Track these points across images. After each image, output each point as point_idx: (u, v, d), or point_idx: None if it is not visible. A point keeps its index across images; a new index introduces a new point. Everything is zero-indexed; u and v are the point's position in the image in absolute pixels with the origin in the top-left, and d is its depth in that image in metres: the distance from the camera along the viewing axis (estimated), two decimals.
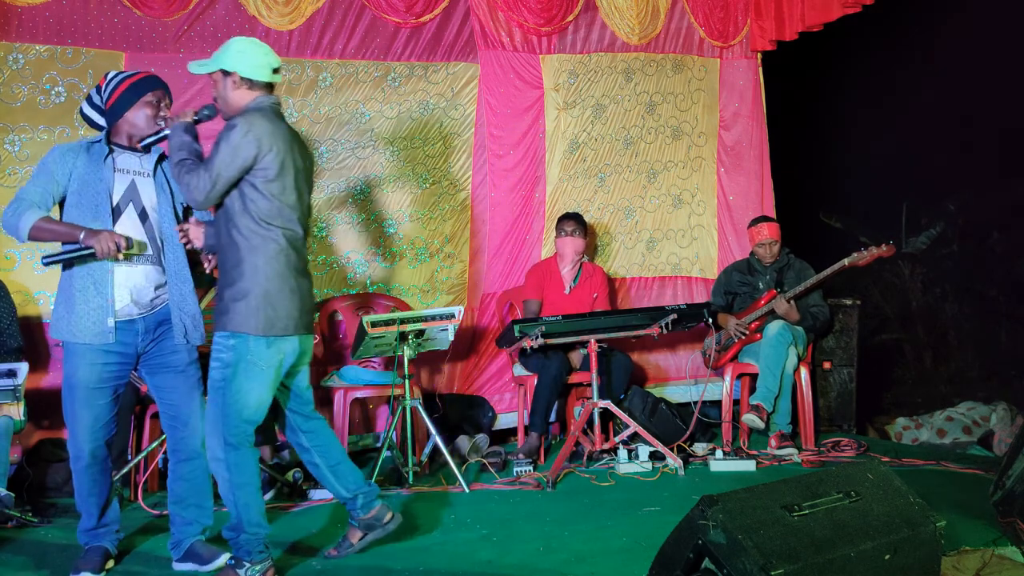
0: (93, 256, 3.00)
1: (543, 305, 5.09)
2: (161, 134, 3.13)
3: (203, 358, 3.20)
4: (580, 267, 5.15)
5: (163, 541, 3.46)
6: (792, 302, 4.90)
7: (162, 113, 3.25)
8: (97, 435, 3.10)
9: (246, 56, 3.02)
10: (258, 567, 2.96)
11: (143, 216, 3.17)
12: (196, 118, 3.13)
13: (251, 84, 3.03)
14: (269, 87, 3.09)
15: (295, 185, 3.00)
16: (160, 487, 4.42)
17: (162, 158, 3.28)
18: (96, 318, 3.03)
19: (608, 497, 3.96)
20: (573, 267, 5.11)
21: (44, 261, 3.10)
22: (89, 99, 3.26)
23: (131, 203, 3.17)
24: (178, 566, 3.22)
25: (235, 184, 2.92)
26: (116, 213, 3.13)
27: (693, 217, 5.88)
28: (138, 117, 3.18)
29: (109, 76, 3.26)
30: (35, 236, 3.05)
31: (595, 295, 5.14)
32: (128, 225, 3.13)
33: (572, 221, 5.14)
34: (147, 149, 3.24)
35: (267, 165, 2.91)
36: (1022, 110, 5.89)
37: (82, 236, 3.00)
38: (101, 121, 3.23)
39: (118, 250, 3.03)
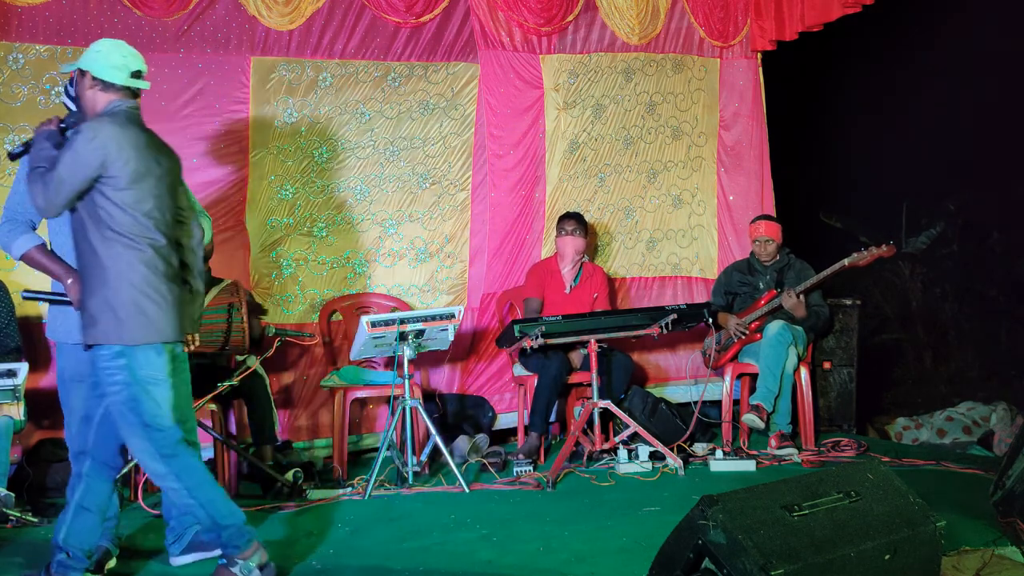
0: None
1: (543, 305, 5.09)
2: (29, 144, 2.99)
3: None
4: (580, 267, 5.15)
5: (163, 540, 3.47)
6: (800, 297, 4.90)
7: None
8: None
9: (103, 56, 2.91)
10: (251, 557, 2.90)
11: None
12: (63, 125, 3.00)
13: (105, 86, 2.91)
14: (130, 92, 2.95)
15: (153, 192, 2.86)
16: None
17: None
18: None
19: (608, 497, 3.96)
20: (573, 267, 5.11)
21: (24, 295, 3.24)
22: (66, 89, 3.25)
23: None
24: (181, 559, 3.22)
25: (86, 192, 2.79)
26: None
27: (693, 217, 5.88)
28: None
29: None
30: (27, 262, 3.06)
31: (595, 295, 5.14)
32: None
33: (572, 220, 5.14)
34: None
35: (116, 174, 2.77)
36: (1022, 110, 5.89)
37: (69, 282, 3.00)
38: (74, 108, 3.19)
39: None
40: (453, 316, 4.30)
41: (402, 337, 4.19)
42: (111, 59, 2.92)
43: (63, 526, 2.94)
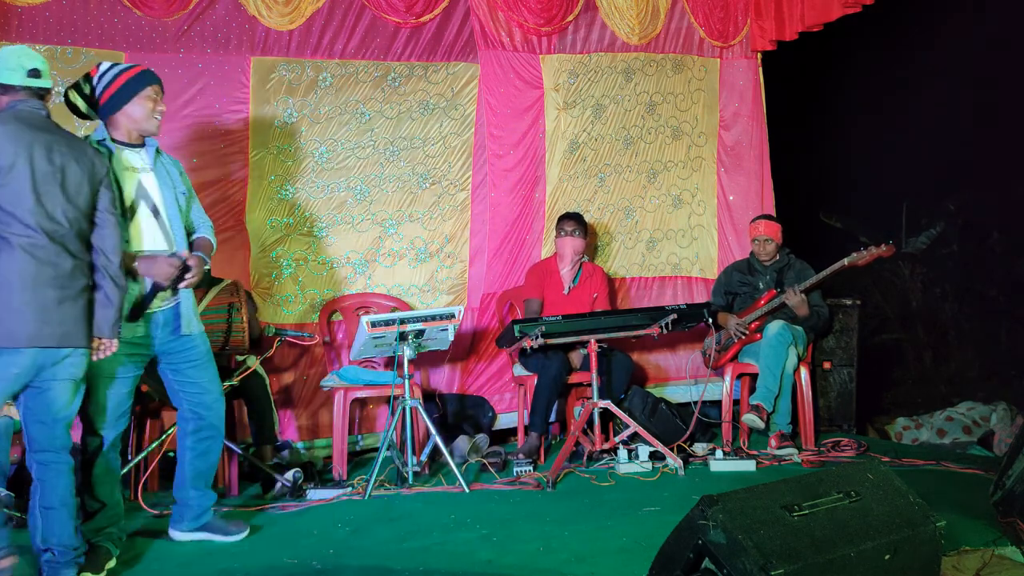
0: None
1: (543, 305, 5.09)
2: None
3: None
4: (580, 267, 5.15)
5: (164, 540, 3.47)
6: (803, 295, 4.90)
7: (160, 108, 3.26)
8: (117, 424, 3.24)
9: (1, 62, 2.93)
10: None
11: (155, 212, 3.20)
12: None
13: (4, 88, 2.93)
14: (32, 92, 2.94)
15: (33, 188, 2.80)
16: (160, 487, 4.42)
17: (159, 150, 3.30)
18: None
19: (608, 497, 3.96)
20: (573, 267, 5.11)
21: None
22: (77, 87, 3.25)
23: (143, 201, 3.20)
24: (189, 535, 3.36)
25: None
26: (131, 212, 3.15)
27: (693, 217, 5.88)
28: (137, 111, 3.20)
29: (103, 68, 3.25)
30: None
31: (595, 295, 5.14)
32: (144, 223, 3.16)
33: (572, 221, 5.14)
34: (142, 143, 3.25)
35: None
36: (1022, 110, 5.89)
37: (137, 265, 3.06)
38: (86, 111, 3.22)
39: (179, 273, 3.15)
40: (453, 316, 4.30)
41: (402, 337, 4.19)
42: (8, 62, 2.94)
43: (36, 531, 2.97)
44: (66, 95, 3.27)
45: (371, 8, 5.09)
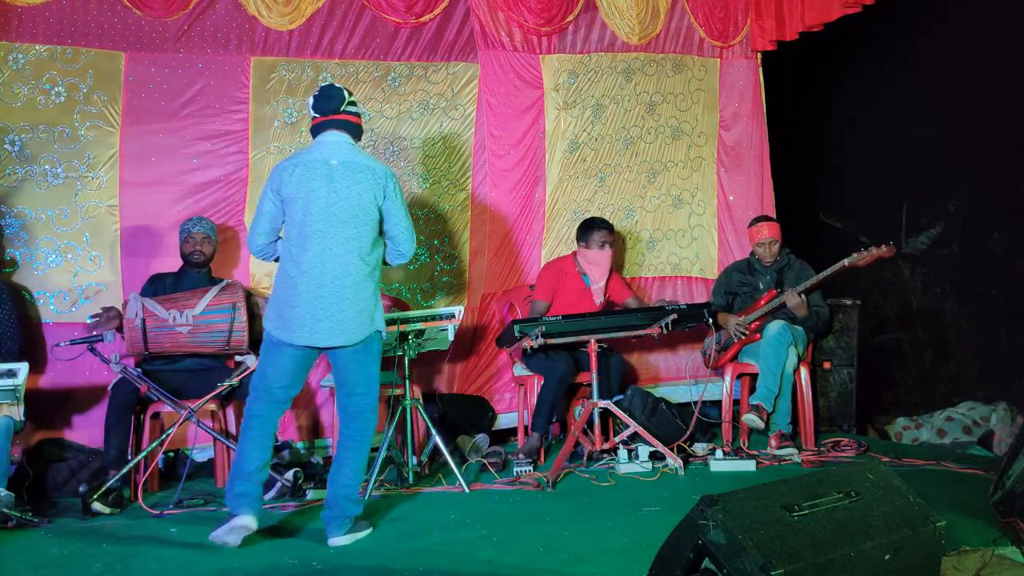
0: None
1: (557, 306, 5.01)
2: None
3: None
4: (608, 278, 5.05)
5: (164, 542, 3.47)
6: (803, 296, 4.89)
7: None
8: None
9: None
10: None
11: None
12: None
13: None
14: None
15: None
16: (160, 487, 4.43)
17: None
18: None
19: (608, 497, 3.96)
20: (606, 282, 4.98)
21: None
22: (356, 105, 3.58)
23: None
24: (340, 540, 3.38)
25: None
26: None
27: (693, 217, 5.88)
28: None
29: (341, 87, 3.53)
30: None
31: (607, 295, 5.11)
32: None
33: (607, 231, 4.96)
34: None
35: None
36: (1022, 110, 5.88)
37: None
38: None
39: None
40: (453, 316, 4.30)
41: (402, 337, 4.19)
42: None
43: None
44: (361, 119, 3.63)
45: (371, 8, 5.09)
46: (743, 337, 5.00)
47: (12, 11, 4.50)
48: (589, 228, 5.01)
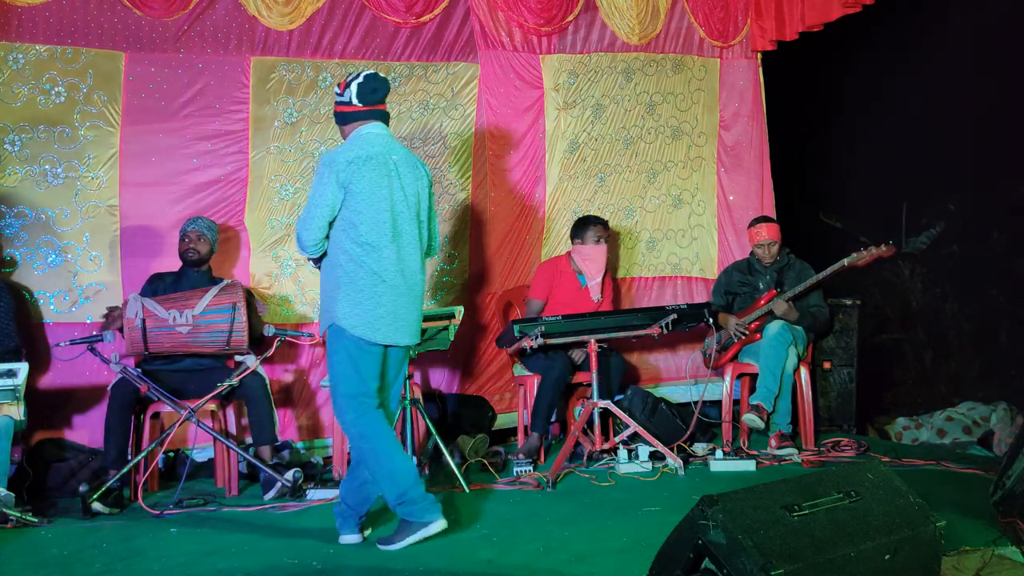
0: None
1: (552, 305, 5.04)
2: None
3: None
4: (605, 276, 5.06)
5: (164, 542, 3.47)
6: (791, 302, 4.91)
7: None
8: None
9: None
10: None
11: None
12: None
13: None
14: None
15: None
16: (160, 487, 4.43)
17: None
18: None
19: (608, 497, 3.96)
20: (602, 278, 5.00)
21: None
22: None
23: None
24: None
25: None
26: None
27: (693, 217, 5.88)
28: None
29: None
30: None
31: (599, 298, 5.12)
32: None
33: (602, 227, 5.00)
34: None
35: None
36: (1022, 110, 5.88)
37: None
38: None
39: None
40: (453, 316, 4.30)
41: None
42: None
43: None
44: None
45: (371, 8, 5.09)
46: (743, 337, 5.00)
47: (12, 11, 4.50)
48: (584, 224, 5.05)
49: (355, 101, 3.42)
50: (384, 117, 3.49)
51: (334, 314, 3.32)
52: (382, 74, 3.52)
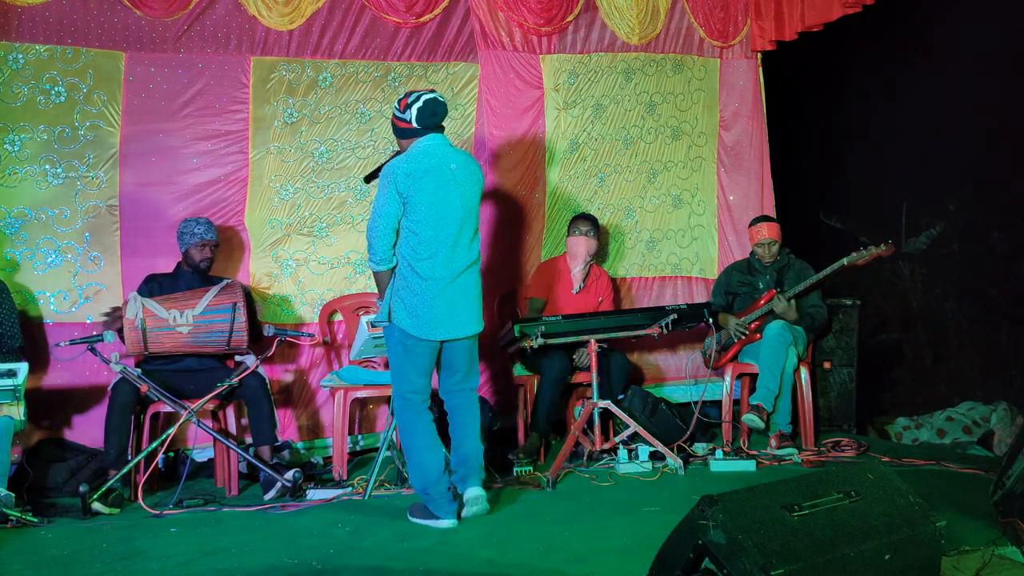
0: None
1: (550, 305, 5.07)
2: None
3: None
4: (588, 269, 5.11)
5: (164, 542, 3.47)
6: (791, 301, 4.91)
7: None
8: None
9: None
10: None
11: None
12: None
13: None
14: None
15: None
16: (160, 487, 4.43)
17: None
18: None
19: (608, 497, 3.96)
20: (584, 268, 5.08)
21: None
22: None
23: None
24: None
25: None
26: None
27: (693, 217, 5.88)
28: None
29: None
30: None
31: (600, 299, 5.13)
32: None
33: (587, 221, 5.09)
34: None
35: None
36: (1022, 110, 5.88)
37: None
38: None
39: None
40: None
41: None
42: None
43: None
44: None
45: (371, 8, 5.09)
46: (743, 337, 5.00)
47: (12, 11, 4.50)
48: (574, 220, 5.16)
49: (415, 123, 3.62)
50: (440, 130, 3.69)
51: (393, 313, 3.62)
52: (441, 98, 3.67)
